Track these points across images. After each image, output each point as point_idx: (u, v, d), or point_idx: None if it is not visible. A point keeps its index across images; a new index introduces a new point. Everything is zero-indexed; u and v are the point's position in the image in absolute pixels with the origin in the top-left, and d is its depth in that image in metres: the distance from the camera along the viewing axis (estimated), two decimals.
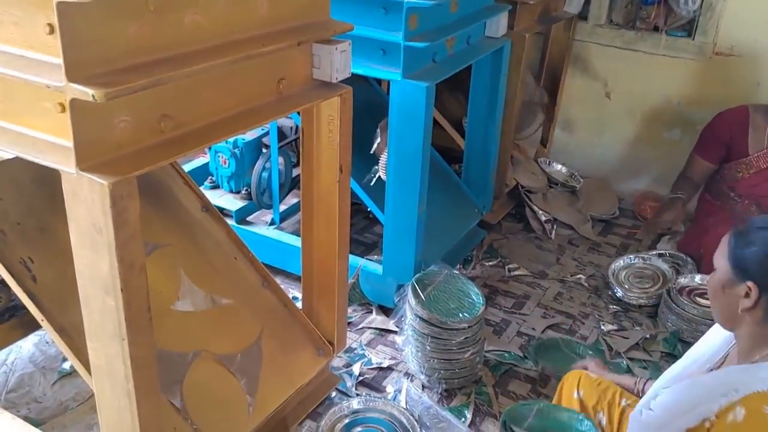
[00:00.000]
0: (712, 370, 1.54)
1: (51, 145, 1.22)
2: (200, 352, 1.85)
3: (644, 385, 1.87)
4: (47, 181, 1.77)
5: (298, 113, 2.02)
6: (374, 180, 2.53)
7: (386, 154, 2.40)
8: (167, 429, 1.65)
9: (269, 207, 2.88)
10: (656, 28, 3.38)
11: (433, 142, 2.52)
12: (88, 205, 1.22)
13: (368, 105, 2.75)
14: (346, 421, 2.04)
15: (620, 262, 2.90)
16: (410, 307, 2.21)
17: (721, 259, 1.45)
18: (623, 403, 1.83)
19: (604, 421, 1.84)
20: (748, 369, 1.38)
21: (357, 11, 2.20)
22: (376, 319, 2.56)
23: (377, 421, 2.05)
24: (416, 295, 2.21)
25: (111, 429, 1.49)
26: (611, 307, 2.74)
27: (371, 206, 2.56)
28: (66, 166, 1.20)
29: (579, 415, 1.80)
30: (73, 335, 1.60)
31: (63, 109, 1.16)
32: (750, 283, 1.37)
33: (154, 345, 1.41)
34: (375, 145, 2.53)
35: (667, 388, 1.55)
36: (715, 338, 1.60)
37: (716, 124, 2.94)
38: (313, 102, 1.66)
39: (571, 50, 3.55)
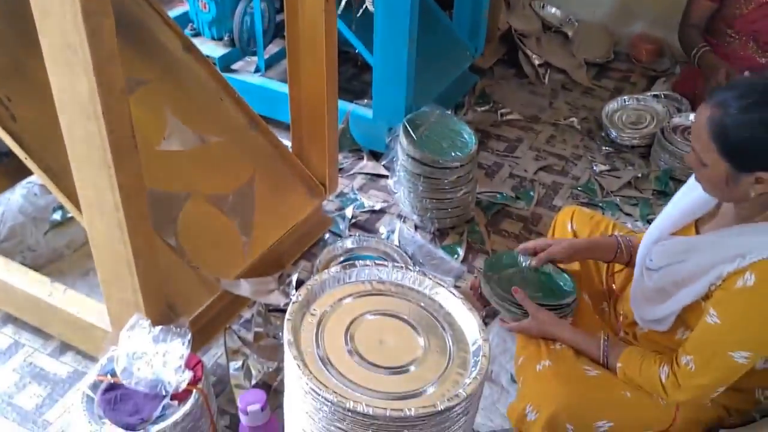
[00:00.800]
0: (698, 221, 1.48)
1: None
2: (191, 193, 1.83)
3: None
4: (16, 16, 1.68)
5: None
6: (361, 11, 2.41)
7: None
8: (164, 268, 1.66)
9: (253, 54, 2.78)
10: None
11: None
12: (60, 23, 1.14)
13: None
14: (341, 259, 2.05)
15: (614, 104, 2.85)
16: (402, 148, 2.18)
17: (709, 152, 1.28)
18: (616, 234, 1.83)
19: None
20: (752, 232, 1.31)
21: None
22: (368, 165, 2.54)
23: (371, 258, 2.07)
24: (408, 135, 2.17)
25: (105, 263, 1.50)
26: (604, 148, 2.72)
27: (359, 47, 2.47)
28: None
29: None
30: (59, 174, 1.56)
31: None
32: (759, 174, 1.25)
33: (143, 179, 1.38)
34: None
35: (662, 245, 1.49)
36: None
37: None
38: None
39: None
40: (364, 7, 2.42)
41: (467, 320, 1.10)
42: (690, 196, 1.49)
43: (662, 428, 1.49)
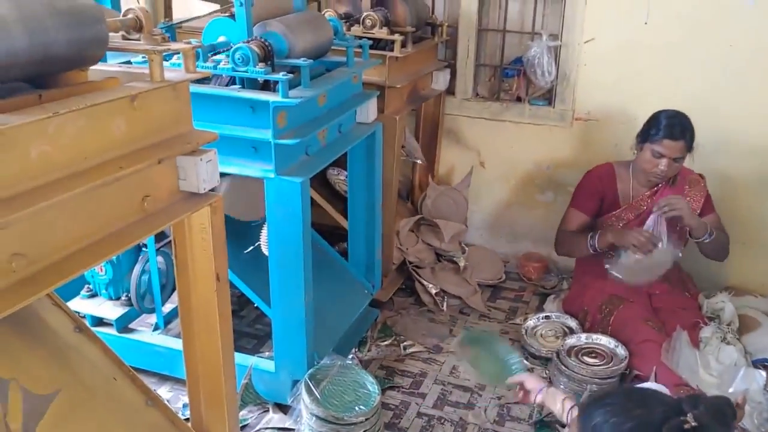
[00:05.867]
0: None
1: None
2: None
3: (570, 411, 1.89)
4: None
5: None
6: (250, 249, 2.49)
7: (266, 230, 2.37)
8: None
9: (152, 311, 2.77)
10: (519, 99, 3.56)
11: (316, 221, 2.51)
12: None
13: None
14: None
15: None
16: (305, 406, 2.17)
17: None
18: None
19: None
20: None
21: (225, 111, 2.21)
22: (274, 418, 2.48)
23: None
24: (310, 393, 2.16)
25: None
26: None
27: (257, 302, 2.51)
28: None
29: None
30: None
31: None
32: None
33: None
34: None
35: None
36: None
37: (587, 180, 3.07)
38: (182, 216, 1.62)
39: (443, 124, 3.68)
40: (256, 245, 2.50)
41: None
42: None
43: None
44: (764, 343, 2.80)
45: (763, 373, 2.52)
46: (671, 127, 2.77)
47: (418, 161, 3.53)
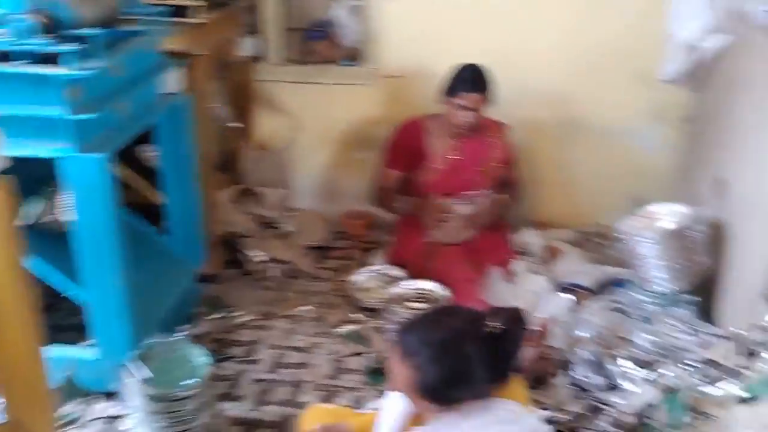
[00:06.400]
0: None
1: None
2: None
3: None
4: None
5: None
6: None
7: (61, 196, 2.24)
8: None
9: None
10: (329, 61, 3.59)
11: (130, 201, 2.39)
12: None
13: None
14: None
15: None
16: (134, 388, 2.10)
17: (416, 397, 1.52)
18: None
19: None
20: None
21: (13, 88, 2.05)
22: (103, 407, 2.38)
23: None
24: (138, 374, 2.09)
25: None
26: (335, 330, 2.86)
27: (66, 289, 2.37)
28: None
29: None
30: None
31: None
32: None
33: None
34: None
35: None
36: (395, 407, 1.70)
37: (394, 136, 3.23)
38: None
39: (256, 90, 3.63)
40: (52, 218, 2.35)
41: None
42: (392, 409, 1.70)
43: None
44: (568, 270, 3.07)
45: (568, 296, 2.78)
46: (468, 80, 2.97)
47: (235, 125, 3.48)
